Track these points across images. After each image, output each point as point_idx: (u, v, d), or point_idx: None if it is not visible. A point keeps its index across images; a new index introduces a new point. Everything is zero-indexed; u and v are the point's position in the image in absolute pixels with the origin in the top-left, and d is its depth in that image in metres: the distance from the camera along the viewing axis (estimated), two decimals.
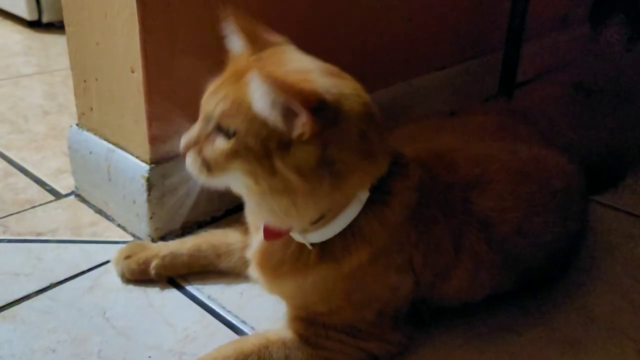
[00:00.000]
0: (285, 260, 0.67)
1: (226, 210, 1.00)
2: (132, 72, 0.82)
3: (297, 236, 0.66)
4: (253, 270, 0.72)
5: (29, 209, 0.99)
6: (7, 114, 1.38)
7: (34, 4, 2.03)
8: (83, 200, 1.02)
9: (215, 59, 0.89)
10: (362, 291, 0.67)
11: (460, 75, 1.49)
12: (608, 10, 2.10)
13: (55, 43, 1.96)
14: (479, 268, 0.71)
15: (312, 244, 0.65)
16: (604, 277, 0.89)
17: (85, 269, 0.85)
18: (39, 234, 0.93)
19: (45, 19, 2.06)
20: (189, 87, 0.87)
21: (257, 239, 0.71)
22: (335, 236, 0.64)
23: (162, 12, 0.80)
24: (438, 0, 1.34)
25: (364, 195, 0.63)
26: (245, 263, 0.83)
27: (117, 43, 0.83)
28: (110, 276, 0.84)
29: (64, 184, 1.07)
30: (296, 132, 0.55)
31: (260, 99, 0.55)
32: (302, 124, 0.54)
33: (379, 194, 0.64)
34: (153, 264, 0.82)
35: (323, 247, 0.65)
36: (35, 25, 2.08)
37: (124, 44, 0.82)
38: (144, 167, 0.87)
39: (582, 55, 2.02)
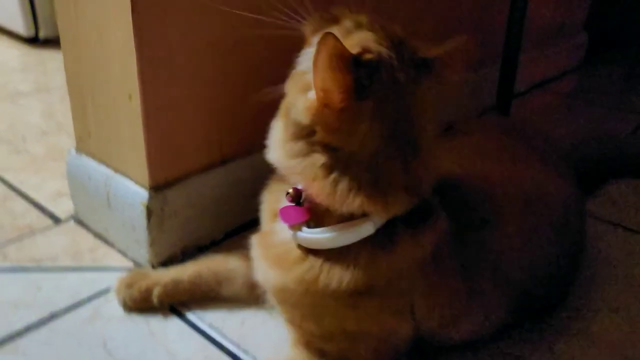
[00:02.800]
0: (276, 245, 0.68)
1: (226, 234, 0.99)
2: (130, 99, 0.82)
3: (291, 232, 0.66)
4: (254, 252, 0.72)
5: (28, 234, 0.99)
6: (5, 134, 1.37)
7: (30, 20, 2.03)
8: (82, 224, 1.02)
9: (214, 86, 0.90)
10: (357, 322, 0.67)
11: (458, 88, 1.49)
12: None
13: (53, 59, 1.96)
14: (489, 313, 0.71)
15: (299, 246, 0.65)
16: (605, 297, 0.88)
17: (85, 297, 0.85)
18: (38, 261, 0.92)
19: (42, 34, 2.06)
20: (188, 114, 0.88)
21: (265, 223, 0.73)
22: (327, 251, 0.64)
23: (159, 41, 0.80)
24: (433, 14, 1.34)
25: (369, 228, 0.62)
26: (247, 289, 0.83)
27: (114, 70, 0.83)
28: (111, 305, 0.83)
29: (63, 207, 1.07)
30: None
31: None
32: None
33: (385, 236, 0.63)
34: (155, 291, 0.82)
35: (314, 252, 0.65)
36: (33, 41, 2.07)
37: (121, 72, 0.82)
38: (144, 194, 0.87)
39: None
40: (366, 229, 0.62)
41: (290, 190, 0.66)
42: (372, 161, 0.59)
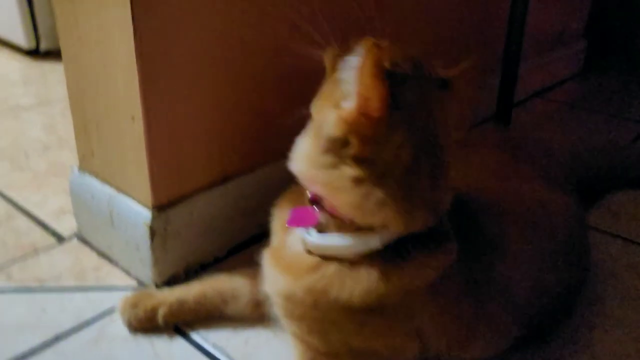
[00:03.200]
0: (292, 255, 0.68)
1: (228, 251, 1.00)
2: (133, 120, 0.83)
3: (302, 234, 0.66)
4: (266, 264, 0.72)
5: (32, 254, 0.99)
6: (7, 150, 1.38)
7: (31, 33, 2.03)
8: (86, 243, 1.02)
9: (216, 106, 0.90)
10: (363, 339, 0.67)
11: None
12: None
13: (54, 71, 1.96)
14: (497, 337, 0.71)
15: (309, 251, 0.66)
16: (607, 311, 0.89)
17: (90, 318, 0.85)
18: (42, 282, 0.93)
19: (43, 47, 2.06)
20: (190, 135, 0.88)
21: (277, 236, 0.73)
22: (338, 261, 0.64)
23: (161, 62, 0.80)
24: (432, 24, 1.34)
25: (377, 241, 0.63)
26: (251, 308, 0.84)
27: (117, 91, 0.83)
28: (116, 325, 0.84)
29: (67, 225, 1.07)
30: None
31: None
32: None
33: (397, 253, 0.63)
34: (160, 311, 0.82)
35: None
36: (33, 53, 2.08)
37: (124, 93, 0.82)
38: (147, 214, 0.87)
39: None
40: (375, 241, 0.63)
41: (309, 195, 0.67)
42: (405, 175, 0.60)
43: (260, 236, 1.03)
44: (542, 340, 0.82)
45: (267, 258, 0.73)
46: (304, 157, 0.65)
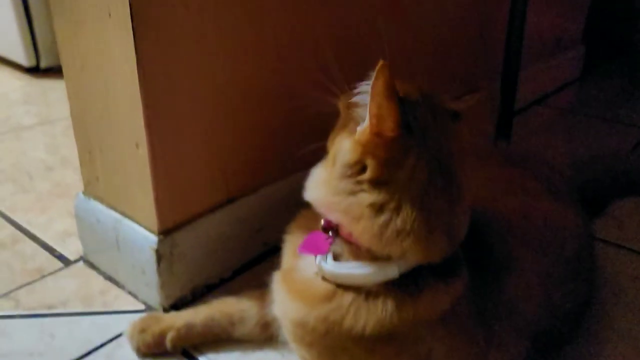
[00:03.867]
0: (304, 281, 0.68)
1: (234, 271, 1.00)
2: (137, 147, 0.83)
3: (318, 262, 0.67)
4: (276, 286, 0.73)
5: (39, 278, 1.00)
6: (10, 171, 1.38)
7: (31, 50, 2.04)
8: (92, 266, 1.02)
9: (219, 130, 0.91)
10: None
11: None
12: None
13: (54, 88, 1.97)
14: (508, 356, 0.71)
15: (323, 278, 0.66)
16: (615, 326, 0.89)
17: (98, 344, 0.85)
18: (50, 307, 0.93)
19: (43, 64, 2.07)
20: (194, 159, 0.89)
21: (288, 260, 0.74)
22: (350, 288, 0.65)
23: (165, 90, 0.81)
24: (432, 36, 1.35)
25: (394, 271, 0.63)
26: (259, 329, 0.84)
27: (121, 119, 0.84)
28: (124, 350, 0.84)
29: (72, 248, 1.08)
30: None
31: None
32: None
33: (411, 282, 0.64)
34: (169, 336, 0.83)
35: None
36: (34, 70, 2.09)
37: (128, 120, 0.83)
38: (153, 239, 0.87)
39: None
40: (393, 271, 0.63)
41: (323, 222, 0.67)
42: (422, 196, 0.60)
43: (265, 255, 1.04)
44: (549, 358, 0.82)
45: (277, 281, 0.73)
46: (321, 185, 0.66)
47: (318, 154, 0.70)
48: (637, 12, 2.21)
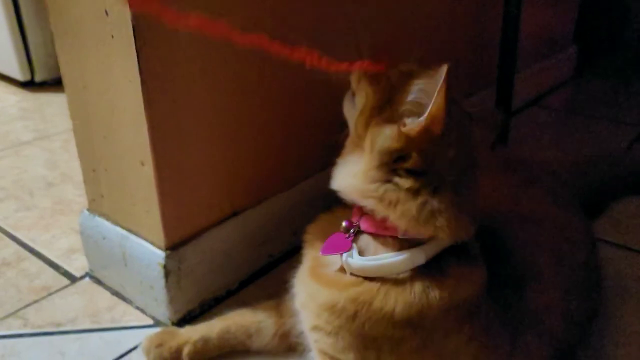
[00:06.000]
0: (333, 274, 0.70)
1: (240, 283, 1.01)
2: (142, 165, 0.84)
3: (344, 259, 0.68)
4: (302, 280, 0.74)
5: (46, 296, 1.00)
6: (11, 188, 1.39)
7: (26, 64, 2.05)
8: (98, 282, 1.03)
9: (223, 146, 0.92)
10: (396, 357, 0.67)
11: None
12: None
13: (50, 102, 1.98)
14: None
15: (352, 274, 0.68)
16: (621, 327, 0.90)
17: (110, 359, 0.86)
18: (58, 325, 0.94)
19: (38, 78, 2.07)
20: (199, 174, 0.90)
21: (311, 259, 0.75)
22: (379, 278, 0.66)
23: (169, 108, 0.81)
24: (426, 38, 1.36)
25: (422, 257, 0.65)
26: (278, 340, 0.85)
27: (126, 137, 0.85)
28: None
29: (77, 265, 1.08)
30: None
31: None
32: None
33: (436, 268, 0.65)
34: (186, 350, 0.83)
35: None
36: (29, 85, 2.09)
37: (133, 139, 0.83)
38: (160, 255, 0.88)
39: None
40: (420, 257, 0.65)
41: (344, 224, 0.70)
42: (456, 184, 0.65)
43: (271, 266, 1.05)
44: None
45: (304, 275, 0.74)
46: (353, 174, 0.68)
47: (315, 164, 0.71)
48: (628, 9, 2.24)
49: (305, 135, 1.06)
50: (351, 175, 0.68)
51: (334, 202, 0.73)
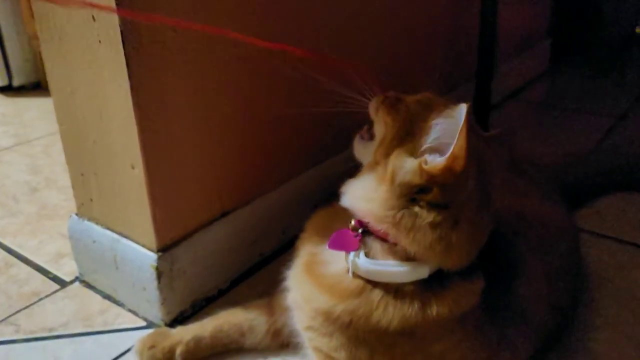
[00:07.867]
0: (332, 275, 0.70)
1: (231, 282, 1.02)
2: (133, 168, 0.85)
3: (349, 258, 0.69)
4: (297, 276, 0.75)
5: (37, 302, 1.00)
6: None
7: (3, 69, 2.03)
8: (89, 286, 1.03)
9: (212, 149, 0.93)
10: (389, 357, 0.69)
11: None
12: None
13: (29, 107, 1.96)
14: (518, 355, 0.74)
15: (354, 274, 0.68)
16: (603, 313, 0.93)
17: None
18: (51, 330, 0.94)
19: (15, 82, 2.06)
20: (189, 176, 0.91)
21: (306, 255, 0.75)
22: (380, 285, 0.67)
23: (158, 112, 0.82)
24: (405, 37, 1.38)
25: (425, 271, 0.66)
26: (270, 337, 0.86)
27: (115, 141, 0.85)
28: None
29: (67, 269, 1.08)
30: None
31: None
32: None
33: (436, 282, 0.67)
34: (178, 351, 0.84)
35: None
36: (7, 89, 2.07)
37: (123, 143, 0.84)
38: (152, 256, 0.89)
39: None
40: (424, 271, 0.67)
41: (353, 222, 0.70)
42: (474, 216, 0.66)
43: (261, 264, 1.06)
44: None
45: (299, 271, 0.75)
46: (369, 197, 0.68)
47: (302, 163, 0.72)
48: (599, 5, 2.28)
49: (292, 135, 1.08)
50: (367, 200, 0.68)
51: (321, 201, 0.74)
